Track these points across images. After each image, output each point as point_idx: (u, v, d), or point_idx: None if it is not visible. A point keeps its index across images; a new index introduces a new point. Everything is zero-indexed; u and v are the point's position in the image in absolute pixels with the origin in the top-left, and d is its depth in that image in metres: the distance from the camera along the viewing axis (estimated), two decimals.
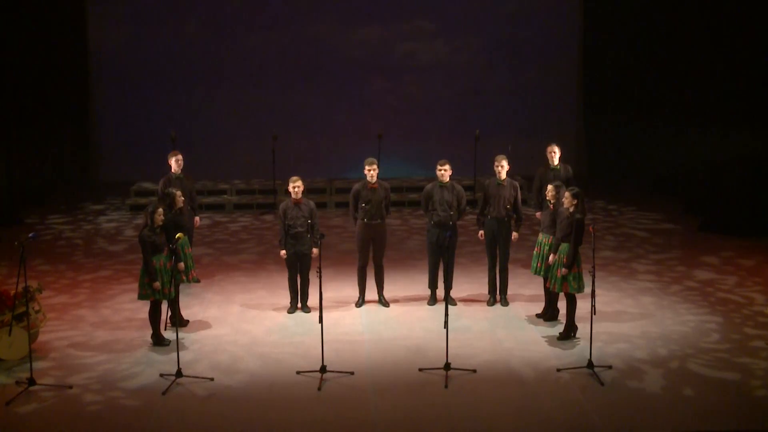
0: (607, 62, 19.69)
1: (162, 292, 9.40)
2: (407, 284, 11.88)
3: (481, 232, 10.96)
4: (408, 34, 19.99)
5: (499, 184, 10.78)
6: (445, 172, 10.73)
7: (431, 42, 20.02)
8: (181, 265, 10.06)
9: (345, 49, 19.93)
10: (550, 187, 10.21)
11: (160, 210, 9.51)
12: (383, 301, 11.06)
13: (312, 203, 10.70)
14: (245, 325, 10.42)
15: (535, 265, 10.32)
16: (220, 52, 19.85)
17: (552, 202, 10.10)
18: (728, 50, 16.33)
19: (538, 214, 11.68)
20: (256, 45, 19.87)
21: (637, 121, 19.14)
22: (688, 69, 17.54)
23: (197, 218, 12.18)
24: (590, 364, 8.82)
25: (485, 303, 11.06)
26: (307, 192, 10.89)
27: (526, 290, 11.52)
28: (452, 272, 10.79)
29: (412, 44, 20.01)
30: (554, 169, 12.07)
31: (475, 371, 8.89)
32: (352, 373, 8.87)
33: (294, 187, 10.52)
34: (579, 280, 9.60)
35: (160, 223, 9.51)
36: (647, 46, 18.80)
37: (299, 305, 10.83)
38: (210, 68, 19.86)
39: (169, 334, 9.74)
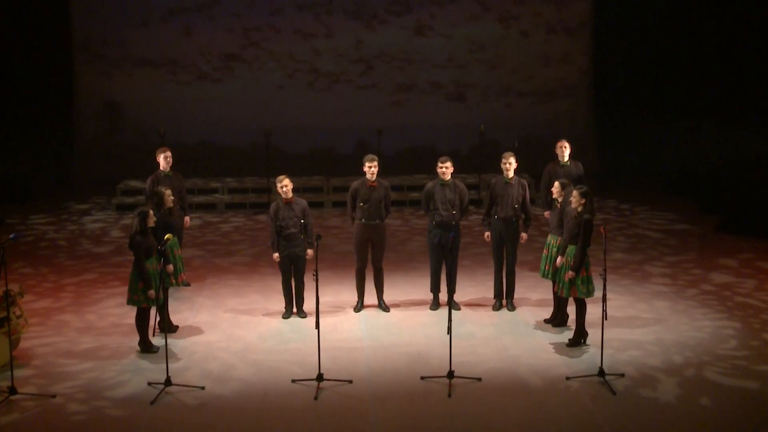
0: (620, 56, 19.71)
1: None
2: (408, 288, 11.88)
3: (487, 233, 10.96)
4: (410, 27, 20.00)
5: (507, 182, 10.77)
6: (446, 169, 10.72)
7: (435, 36, 20.02)
8: (170, 267, 10.07)
9: (343, 41, 19.96)
10: (556, 184, 10.21)
11: (151, 212, 9.52)
12: (383, 306, 11.06)
13: (304, 202, 10.69)
14: (238, 331, 10.42)
15: (543, 267, 10.33)
16: (212, 44, 19.85)
17: (558, 200, 10.10)
18: (745, 46, 16.37)
19: (546, 213, 11.69)
20: (249, 38, 19.89)
21: (651, 117, 19.18)
22: (704, 63, 17.57)
23: (187, 218, 12.17)
24: (601, 372, 8.83)
25: (491, 308, 11.06)
26: (302, 191, 10.90)
27: (534, 294, 11.53)
28: (456, 275, 10.81)
29: (414, 37, 20.00)
30: (564, 165, 12.07)
31: (480, 379, 8.89)
32: (350, 382, 8.87)
33: (282, 187, 10.50)
34: (588, 283, 9.60)
35: (153, 225, 9.53)
36: (661, 40, 18.83)
37: (294, 310, 10.83)
38: (201, 62, 19.88)
39: (157, 341, 9.75)
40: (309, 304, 10.35)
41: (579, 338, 9.76)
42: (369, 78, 20.08)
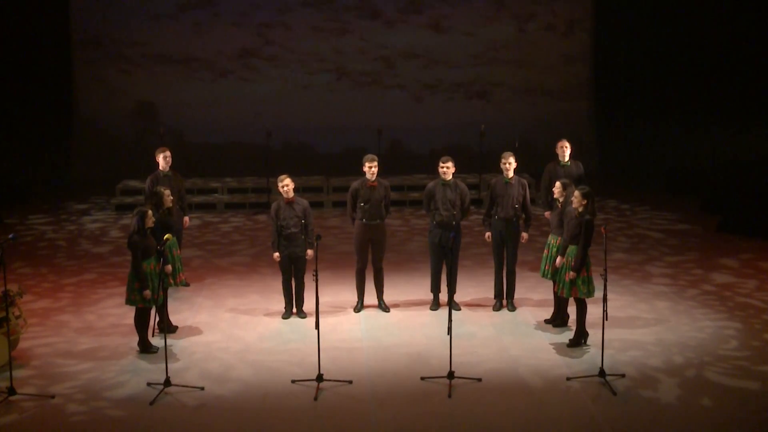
0: (620, 55, 19.71)
1: (151, 297, 9.42)
2: (408, 288, 11.88)
3: (488, 233, 10.96)
4: (411, 27, 20.01)
5: (507, 182, 10.77)
6: (447, 169, 10.72)
7: (436, 36, 20.02)
8: (169, 267, 10.07)
9: (343, 41, 19.98)
10: (557, 184, 10.21)
11: (150, 213, 9.52)
12: (383, 306, 11.06)
13: (305, 202, 10.69)
14: (237, 331, 10.42)
15: (543, 267, 10.33)
16: (212, 43, 19.86)
17: (560, 200, 10.10)
18: (746, 46, 16.36)
19: (546, 213, 11.69)
20: (250, 36, 19.90)
21: (652, 117, 19.17)
22: (705, 63, 17.56)
23: (186, 218, 12.17)
24: (602, 373, 8.82)
25: (491, 308, 11.06)
26: (302, 191, 10.90)
27: (535, 294, 11.53)
28: (456, 275, 10.81)
29: (415, 37, 20.01)
30: (564, 165, 12.07)
31: (480, 380, 8.89)
32: (350, 382, 8.87)
33: (283, 186, 10.50)
34: (589, 284, 9.60)
35: (152, 225, 9.53)
36: (663, 40, 18.82)
37: (294, 310, 10.83)
38: (201, 60, 19.89)
39: (156, 341, 9.74)
40: (309, 305, 10.35)
41: (579, 338, 9.75)
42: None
